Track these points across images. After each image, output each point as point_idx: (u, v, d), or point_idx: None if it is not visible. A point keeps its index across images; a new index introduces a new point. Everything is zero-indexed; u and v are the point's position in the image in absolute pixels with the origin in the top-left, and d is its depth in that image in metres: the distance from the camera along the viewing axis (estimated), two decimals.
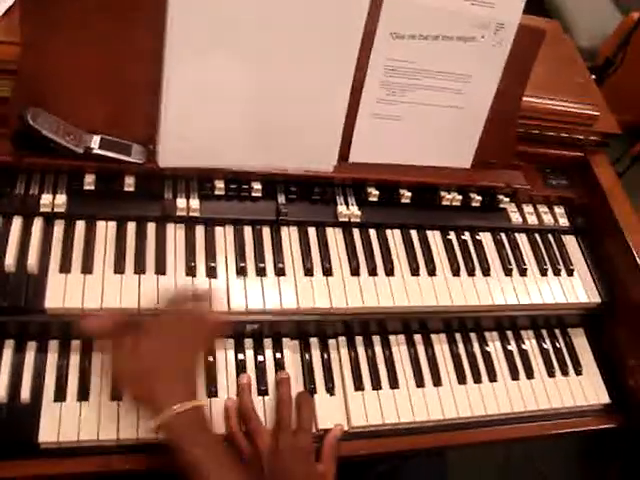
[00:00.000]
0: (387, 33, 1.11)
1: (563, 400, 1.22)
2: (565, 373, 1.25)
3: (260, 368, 1.08)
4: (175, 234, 1.10)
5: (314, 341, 1.14)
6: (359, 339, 1.16)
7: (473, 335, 1.24)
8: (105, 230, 1.08)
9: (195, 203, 1.11)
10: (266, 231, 1.15)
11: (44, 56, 0.99)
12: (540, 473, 2.19)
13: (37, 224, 1.05)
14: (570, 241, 1.35)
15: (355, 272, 1.14)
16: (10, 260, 0.99)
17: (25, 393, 0.97)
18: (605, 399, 1.24)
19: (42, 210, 1.05)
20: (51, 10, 0.97)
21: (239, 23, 1.02)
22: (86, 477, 0.98)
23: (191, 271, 1.06)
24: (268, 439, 0.99)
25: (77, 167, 1.07)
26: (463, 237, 1.27)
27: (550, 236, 1.34)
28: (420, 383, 1.14)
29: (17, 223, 1.03)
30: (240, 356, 1.08)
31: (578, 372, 1.26)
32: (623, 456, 1.39)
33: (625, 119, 1.56)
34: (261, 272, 1.09)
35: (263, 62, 1.06)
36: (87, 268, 1.03)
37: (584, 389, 1.24)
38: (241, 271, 1.08)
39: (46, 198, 1.05)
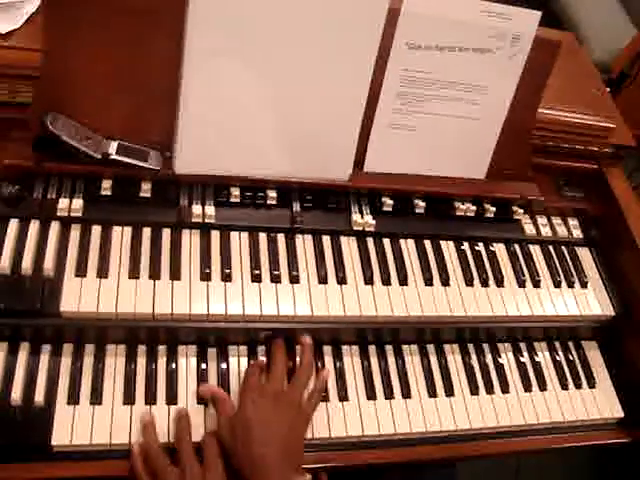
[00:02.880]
0: (403, 43, 1.12)
1: (576, 413, 1.21)
2: (578, 386, 1.24)
3: None
4: (190, 240, 1.11)
5: (327, 349, 1.13)
6: (372, 348, 1.16)
7: (486, 346, 1.23)
8: (121, 235, 1.08)
9: (211, 210, 1.11)
10: (281, 239, 1.15)
11: (65, 62, 1.00)
12: None
13: (54, 228, 1.05)
14: (584, 253, 1.35)
15: (369, 281, 1.14)
16: (27, 263, 1.00)
17: (39, 396, 0.97)
18: (619, 413, 1.23)
19: (59, 214, 1.06)
20: (73, 17, 0.98)
21: (257, 31, 1.03)
22: None
23: (206, 277, 1.07)
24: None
25: (94, 172, 1.08)
26: (477, 248, 1.27)
27: (564, 248, 1.34)
28: (432, 393, 1.14)
29: (34, 227, 1.04)
30: (253, 362, 1.08)
31: (591, 385, 1.25)
32: (636, 471, 1.37)
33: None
34: (276, 279, 1.10)
35: (280, 71, 1.06)
36: (102, 272, 1.03)
37: (597, 402, 1.23)
38: (256, 278, 1.09)
39: (63, 202, 1.06)
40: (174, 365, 1.05)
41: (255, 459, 0.94)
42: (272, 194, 1.15)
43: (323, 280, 1.12)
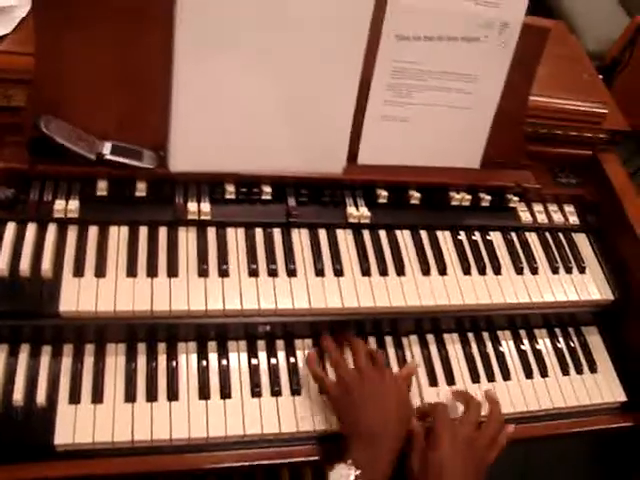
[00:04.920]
0: (392, 35, 1.12)
1: (579, 398, 1.21)
2: (580, 371, 1.24)
3: (273, 369, 1.08)
4: (187, 237, 1.11)
5: None
6: (371, 340, 1.16)
7: (486, 334, 1.24)
8: (118, 235, 1.09)
9: (206, 207, 1.12)
10: (277, 233, 1.16)
11: (57, 64, 1.01)
12: None
13: (51, 230, 1.06)
14: (581, 239, 1.35)
15: (366, 272, 1.15)
16: (25, 265, 1.01)
17: (41, 396, 0.98)
18: (621, 397, 1.23)
19: (56, 216, 1.06)
20: (62, 19, 0.99)
21: (246, 27, 1.03)
22: (102, 479, 0.99)
23: (203, 273, 1.07)
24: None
25: (89, 173, 1.08)
26: (473, 237, 1.27)
27: (561, 234, 1.34)
28: (433, 382, 1.14)
29: (32, 229, 1.05)
30: (252, 357, 1.09)
31: (593, 370, 1.25)
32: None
33: (635, 122, 1.54)
34: (273, 273, 1.10)
35: (270, 66, 1.07)
36: (100, 272, 1.04)
37: (600, 387, 1.23)
38: (253, 272, 1.09)
39: (59, 204, 1.07)
40: (174, 362, 1.05)
41: None
42: (267, 189, 1.16)
43: (320, 273, 1.12)
